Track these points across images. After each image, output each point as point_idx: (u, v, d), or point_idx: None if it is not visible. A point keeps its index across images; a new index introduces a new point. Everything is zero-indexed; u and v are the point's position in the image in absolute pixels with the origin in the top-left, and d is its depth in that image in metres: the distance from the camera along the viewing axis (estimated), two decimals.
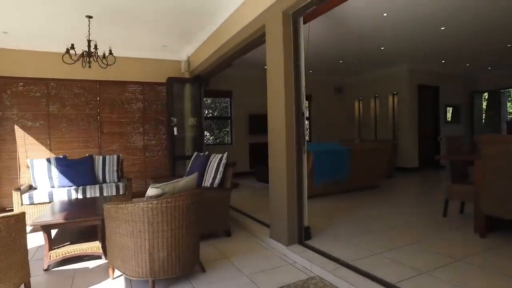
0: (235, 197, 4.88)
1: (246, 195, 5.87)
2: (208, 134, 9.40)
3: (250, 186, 6.84)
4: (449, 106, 9.18)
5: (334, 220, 3.95)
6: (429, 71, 8.70)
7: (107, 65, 4.55)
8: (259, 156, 8.81)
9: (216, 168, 3.87)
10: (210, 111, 9.43)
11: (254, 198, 5.71)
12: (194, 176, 2.80)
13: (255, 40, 3.83)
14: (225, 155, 3.89)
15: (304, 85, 3.15)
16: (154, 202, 2.29)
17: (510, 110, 14.99)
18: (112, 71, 5.20)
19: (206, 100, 9.01)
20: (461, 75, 9.48)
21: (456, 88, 9.41)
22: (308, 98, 9.76)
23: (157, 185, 2.42)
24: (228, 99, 8.70)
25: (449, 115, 9.21)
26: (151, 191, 2.39)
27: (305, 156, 3.15)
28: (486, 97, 10.33)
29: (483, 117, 10.24)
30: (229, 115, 8.74)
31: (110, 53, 4.48)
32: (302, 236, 3.15)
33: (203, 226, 3.10)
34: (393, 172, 7.47)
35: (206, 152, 4.51)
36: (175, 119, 5.83)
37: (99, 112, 5.90)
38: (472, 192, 3.46)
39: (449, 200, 3.86)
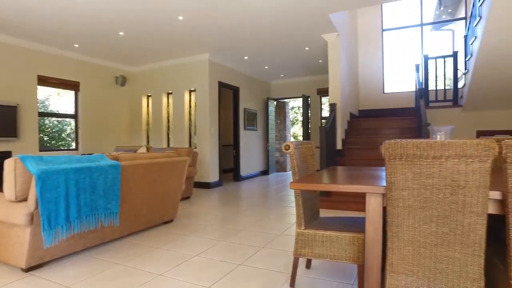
0: None
1: None
2: None
3: None
4: (248, 111, 8.34)
5: None
6: (231, 69, 7.49)
7: None
8: None
9: None
10: None
11: None
12: None
13: None
14: None
15: None
16: None
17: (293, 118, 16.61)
18: None
19: None
20: (258, 79, 8.91)
21: (253, 92, 8.72)
22: (73, 87, 6.55)
23: None
24: None
25: (246, 121, 8.35)
26: None
27: None
28: (275, 104, 10.43)
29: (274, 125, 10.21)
30: None
31: None
32: None
33: None
34: (192, 191, 5.58)
35: None
36: None
37: None
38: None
39: (299, 257, 2.14)
